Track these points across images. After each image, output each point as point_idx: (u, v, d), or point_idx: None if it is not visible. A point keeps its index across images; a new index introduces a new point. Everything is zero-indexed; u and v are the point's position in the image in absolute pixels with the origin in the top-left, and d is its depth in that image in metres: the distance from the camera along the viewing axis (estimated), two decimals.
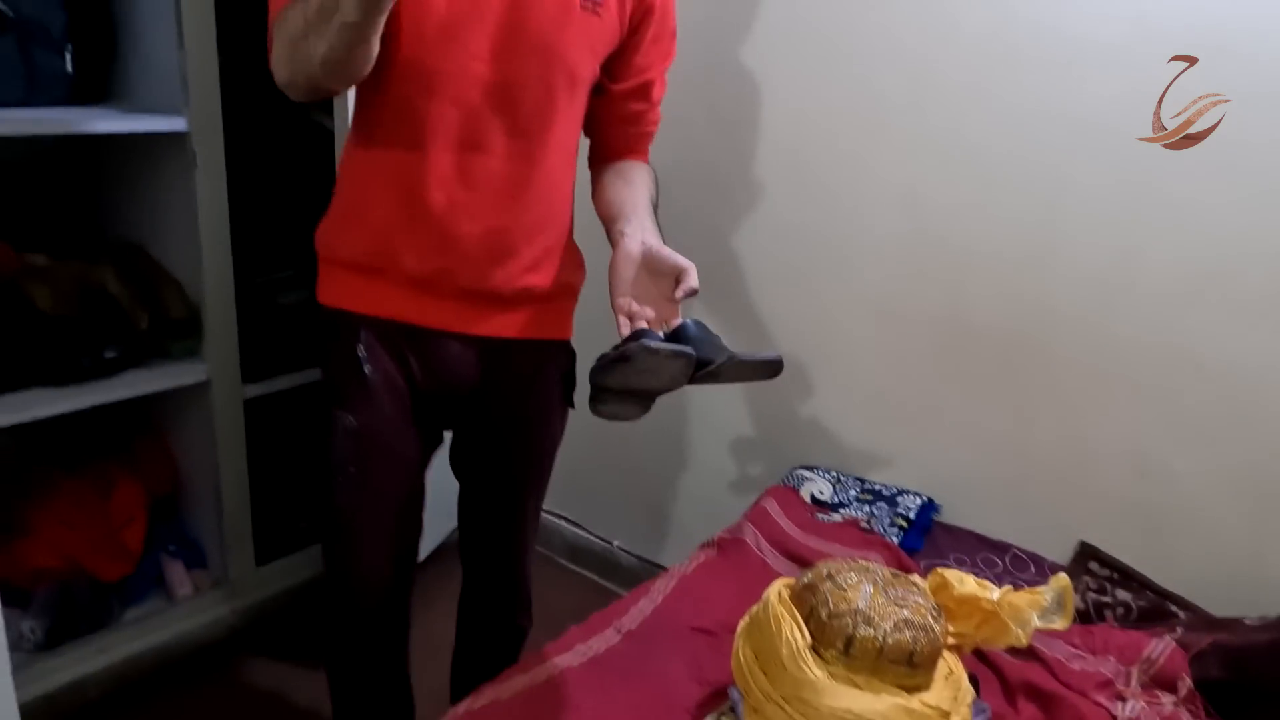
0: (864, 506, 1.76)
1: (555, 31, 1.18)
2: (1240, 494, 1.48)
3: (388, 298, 1.24)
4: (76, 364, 1.62)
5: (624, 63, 1.29)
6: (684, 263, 1.15)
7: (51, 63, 1.60)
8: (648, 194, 1.31)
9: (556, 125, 1.22)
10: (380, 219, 1.21)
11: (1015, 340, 1.63)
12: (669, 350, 1.04)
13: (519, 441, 1.41)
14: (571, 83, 1.22)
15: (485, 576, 1.51)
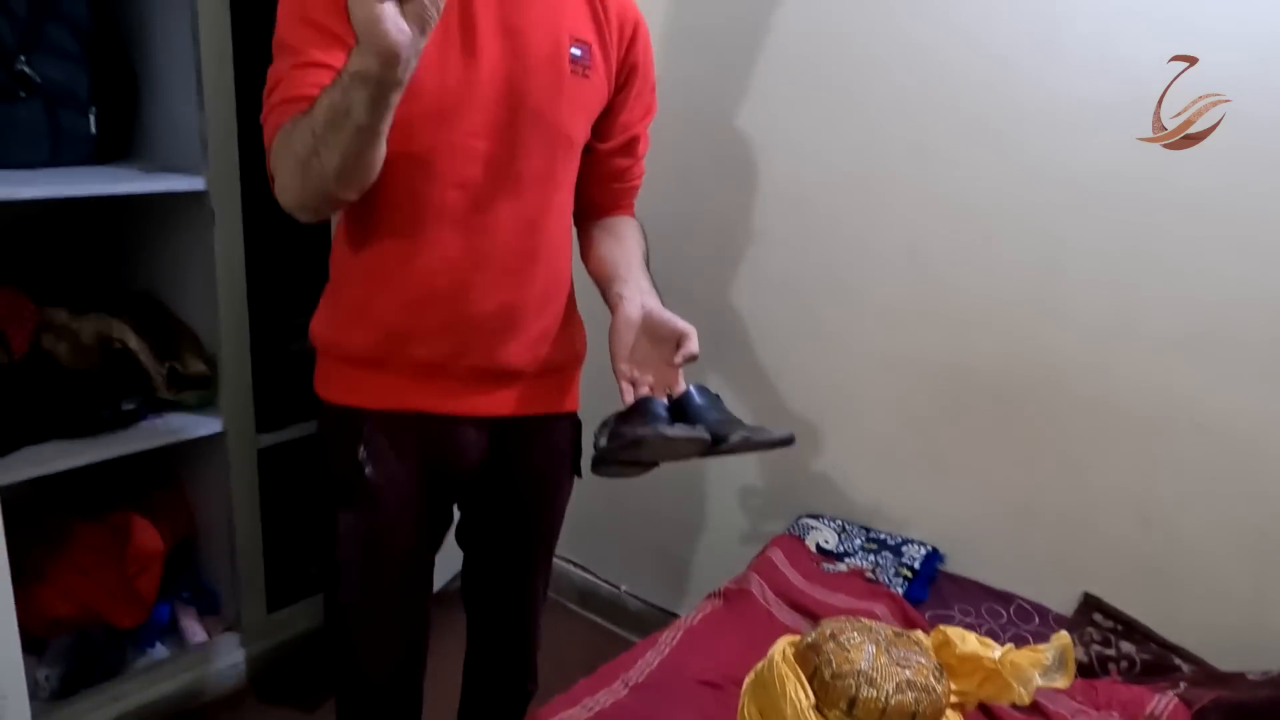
0: (869, 556, 1.78)
1: (552, 100, 1.18)
2: (1244, 548, 1.49)
3: (395, 389, 1.22)
4: (96, 417, 1.66)
5: (610, 121, 1.29)
6: (684, 327, 1.15)
7: (76, 124, 1.65)
8: (639, 250, 1.32)
9: (557, 193, 1.23)
10: (386, 312, 1.19)
11: (1019, 392, 1.66)
12: (685, 437, 1.07)
13: (527, 516, 1.40)
14: (569, 148, 1.23)
15: (492, 644, 1.51)
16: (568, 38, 1.19)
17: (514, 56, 1.15)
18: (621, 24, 1.26)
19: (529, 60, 1.15)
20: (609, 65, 1.25)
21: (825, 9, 1.74)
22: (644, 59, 1.30)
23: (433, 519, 1.35)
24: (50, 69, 1.60)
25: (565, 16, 1.19)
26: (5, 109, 1.53)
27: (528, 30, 1.16)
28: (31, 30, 1.58)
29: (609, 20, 1.24)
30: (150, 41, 1.71)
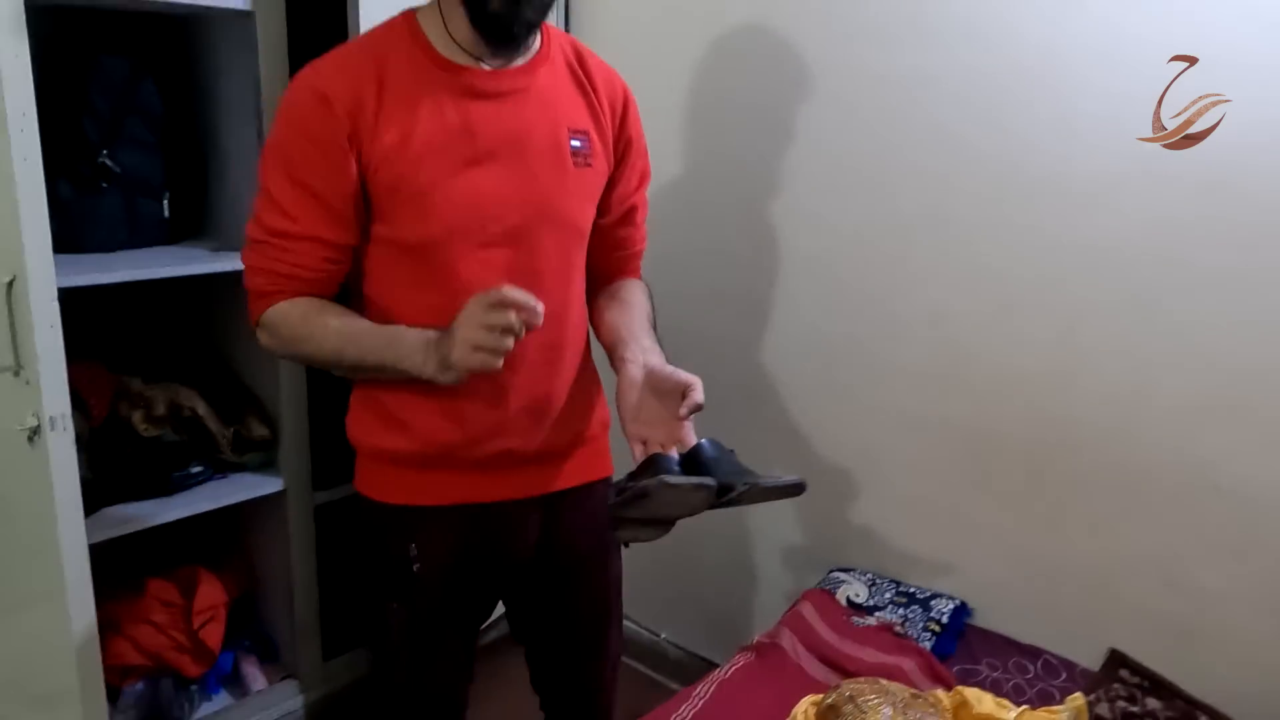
0: (899, 610, 1.83)
1: (561, 198, 1.23)
2: (1268, 610, 1.52)
3: (442, 486, 1.27)
4: (167, 480, 1.78)
5: (608, 196, 1.33)
6: (687, 378, 1.16)
7: (151, 209, 1.79)
8: (644, 312, 1.35)
9: (574, 282, 1.29)
10: (428, 419, 1.23)
11: (1042, 453, 1.70)
12: (690, 485, 1.07)
13: (585, 590, 1.43)
14: (580, 238, 1.29)
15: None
16: (566, 131, 1.23)
17: (518, 163, 1.19)
18: (612, 101, 1.30)
19: (532, 164, 1.20)
20: (606, 147, 1.29)
21: (845, 90, 1.82)
22: (635, 130, 1.34)
23: (480, 606, 1.42)
24: (129, 159, 1.74)
25: (561, 109, 1.24)
26: (89, 200, 1.68)
27: (528, 132, 1.20)
28: (113, 125, 1.72)
29: (600, 101, 1.28)
30: (218, 130, 1.85)
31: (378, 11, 1.63)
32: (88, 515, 1.67)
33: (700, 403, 1.14)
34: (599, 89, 1.28)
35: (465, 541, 1.31)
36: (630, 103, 1.34)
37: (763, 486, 1.11)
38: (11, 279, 1.25)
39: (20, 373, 1.27)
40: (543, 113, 1.21)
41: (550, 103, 1.23)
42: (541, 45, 1.24)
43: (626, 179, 1.35)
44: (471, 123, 1.17)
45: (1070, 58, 1.56)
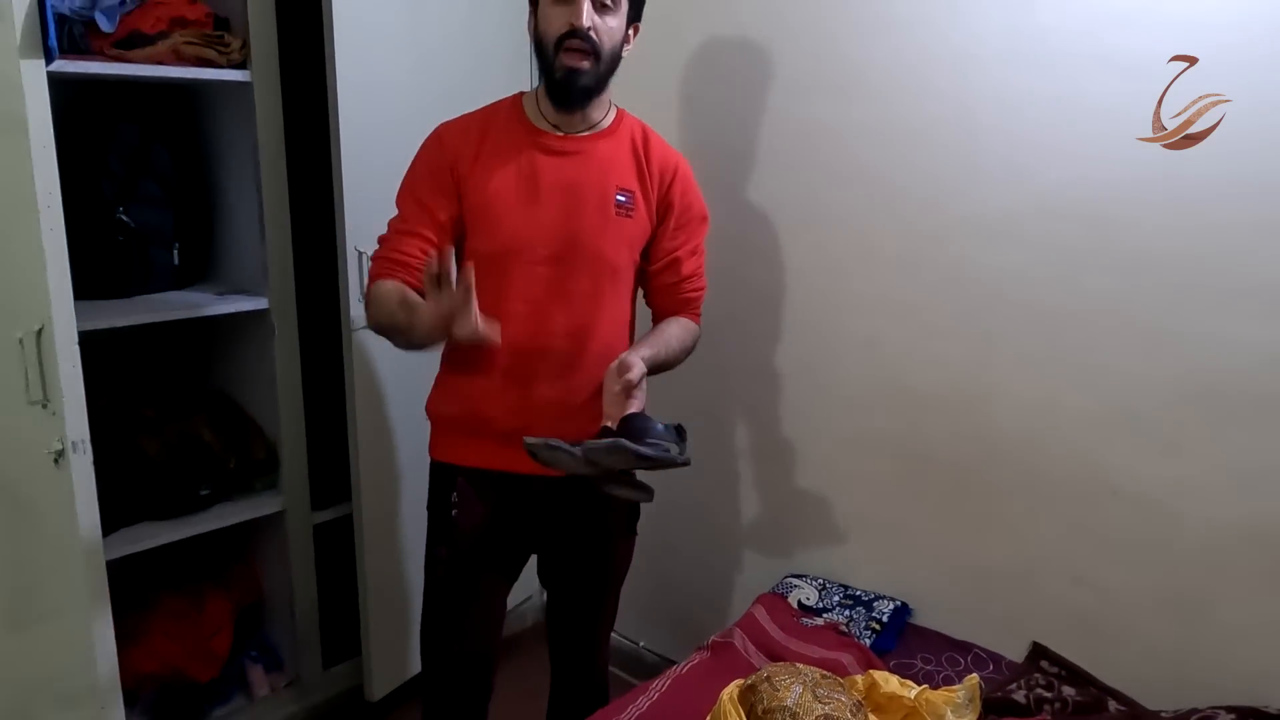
0: (845, 611, 1.99)
1: (599, 238, 1.58)
2: (1162, 603, 1.67)
3: (480, 451, 1.62)
4: (177, 501, 1.97)
5: (654, 248, 1.68)
6: (629, 360, 1.49)
7: (162, 257, 1.99)
8: (663, 334, 1.65)
9: (604, 308, 1.60)
10: (472, 392, 1.60)
11: (964, 465, 1.87)
12: (540, 444, 1.40)
13: (595, 559, 1.78)
14: (614, 275, 1.61)
15: (573, 667, 1.90)
16: (614, 187, 1.60)
17: (570, 205, 1.56)
18: (663, 171, 1.65)
19: (582, 207, 1.57)
20: (650, 206, 1.64)
21: (784, 140, 2.03)
22: (682, 199, 1.67)
23: (508, 557, 1.73)
24: (142, 215, 1.94)
25: (614, 171, 1.61)
26: (106, 253, 1.88)
27: (582, 184, 1.58)
28: (128, 185, 1.93)
29: (651, 171, 1.64)
30: (223, 186, 2.07)
31: (353, 93, 1.86)
32: (106, 535, 1.85)
33: (631, 380, 1.46)
34: (653, 161, 1.64)
35: (496, 501, 1.64)
36: (679, 174, 1.67)
37: (595, 446, 1.39)
38: (40, 327, 1.45)
39: (48, 405, 1.47)
40: (597, 171, 1.59)
41: (606, 164, 1.60)
42: (613, 123, 1.64)
43: (671, 236, 1.68)
44: (537, 171, 1.56)
45: (977, 107, 1.74)
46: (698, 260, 1.73)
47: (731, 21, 2.06)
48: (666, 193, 1.66)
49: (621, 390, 1.47)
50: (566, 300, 1.57)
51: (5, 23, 1.37)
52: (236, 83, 1.88)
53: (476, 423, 1.61)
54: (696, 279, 1.74)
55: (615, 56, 1.56)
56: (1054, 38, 1.64)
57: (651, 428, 1.40)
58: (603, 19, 1.52)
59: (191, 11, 1.83)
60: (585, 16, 1.48)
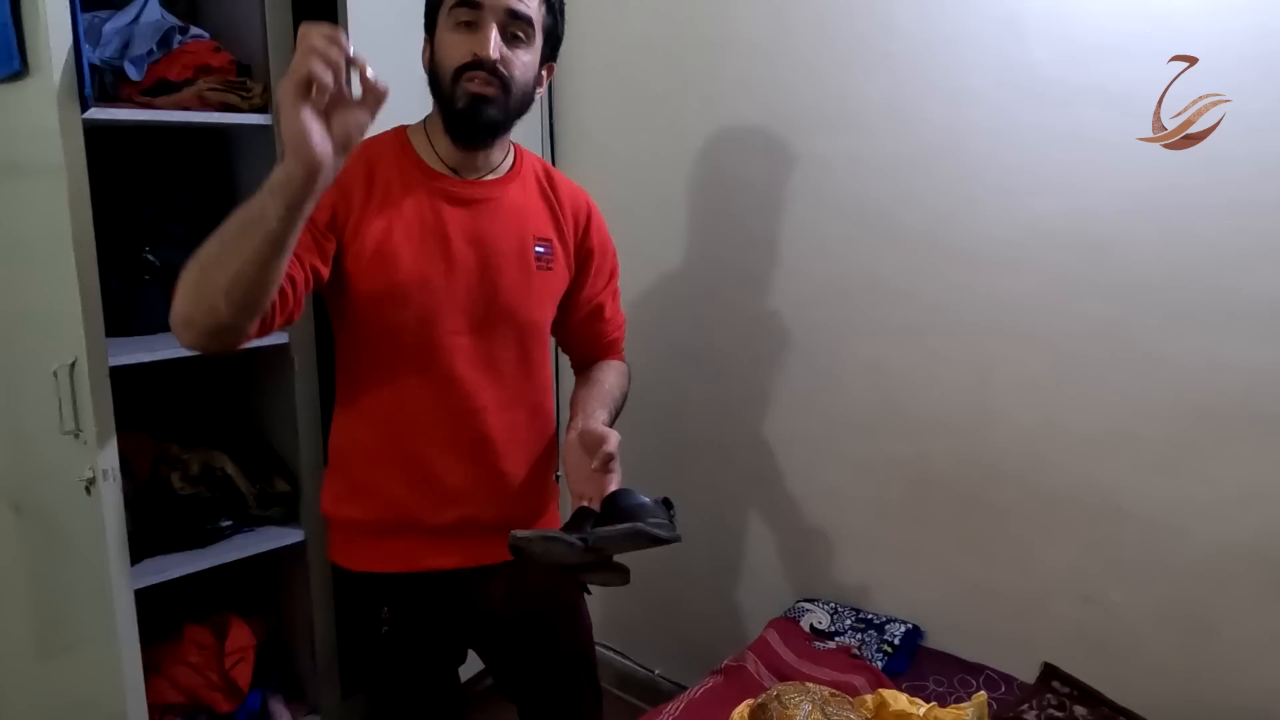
0: (857, 634, 2.01)
1: (523, 298, 1.38)
2: (1170, 621, 1.69)
3: (414, 553, 1.40)
4: (201, 533, 2.02)
5: (574, 297, 1.50)
6: (602, 432, 1.26)
7: None
8: (604, 388, 1.47)
9: (533, 375, 1.44)
10: (395, 492, 1.37)
11: (969, 486, 1.90)
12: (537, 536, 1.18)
13: (557, 643, 1.55)
14: (540, 337, 1.45)
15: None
16: (531, 238, 1.40)
17: (486, 263, 1.35)
18: (575, 214, 1.47)
19: (500, 265, 1.36)
20: (568, 254, 1.46)
21: (786, 173, 2.08)
22: (599, 240, 1.51)
23: (450, 656, 1.55)
24: (168, 254, 2.00)
25: (529, 220, 1.41)
26: (135, 291, 1.95)
27: (496, 238, 1.36)
28: (155, 226, 2.00)
29: (564, 214, 1.45)
30: None
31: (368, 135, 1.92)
32: (132, 565, 1.91)
33: (610, 453, 1.23)
34: (564, 204, 1.46)
35: (432, 604, 1.45)
36: (593, 215, 1.51)
37: (609, 534, 1.17)
38: (74, 361, 1.52)
39: (80, 435, 1.53)
40: (511, 221, 1.38)
41: (519, 213, 1.40)
42: (514, 164, 1.43)
43: (592, 282, 1.51)
44: (444, 224, 1.33)
45: (972, 138, 1.80)
46: (616, 300, 1.58)
47: (734, 59, 2.13)
48: (584, 238, 1.49)
49: (599, 465, 1.24)
50: (494, 372, 1.38)
51: (44, 73, 1.44)
52: (258, 126, 1.95)
53: (399, 523, 1.39)
54: (617, 318, 1.59)
55: (527, 95, 1.34)
56: (1046, 69, 1.69)
57: (644, 505, 1.21)
58: (513, 51, 1.29)
59: (215, 59, 1.91)
60: (492, 47, 1.26)
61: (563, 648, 1.57)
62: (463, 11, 1.27)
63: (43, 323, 1.62)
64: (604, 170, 2.37)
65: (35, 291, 1.65)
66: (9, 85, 1.54)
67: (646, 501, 1.22)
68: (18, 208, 1.65)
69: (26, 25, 1.46)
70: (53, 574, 1.78)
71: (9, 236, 1.69)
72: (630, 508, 1.20)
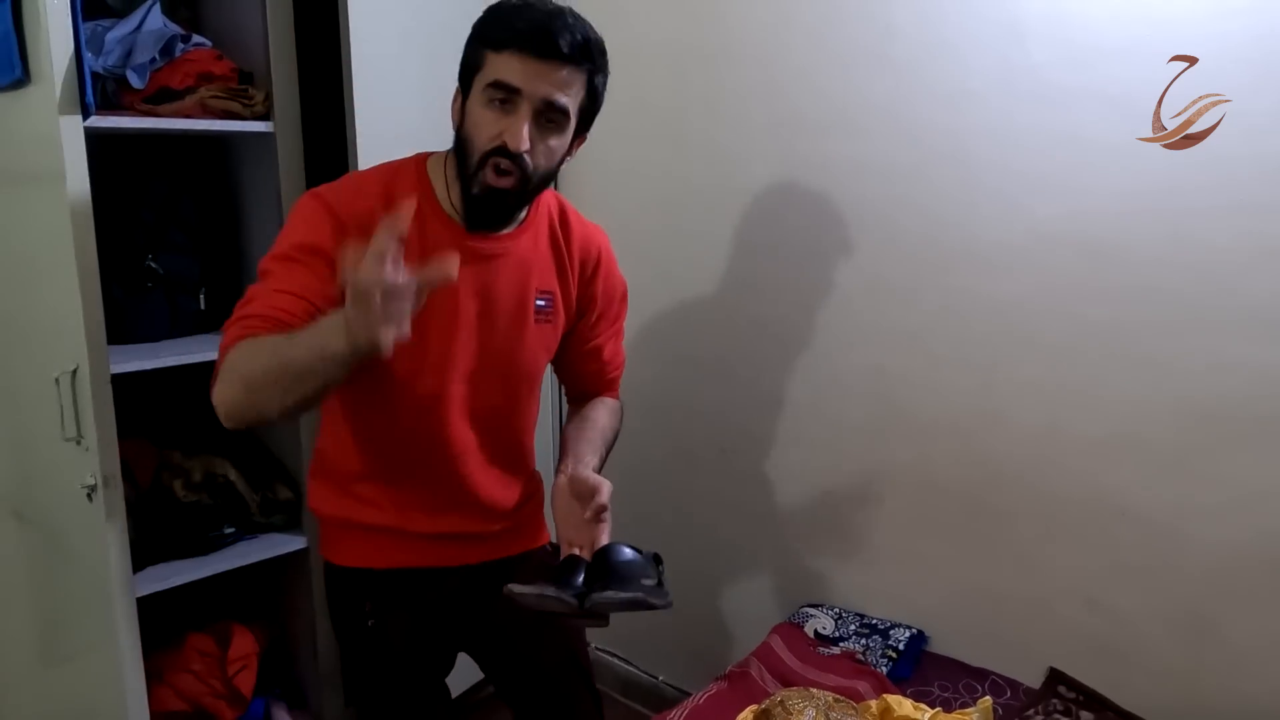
0: (861, 640, 2.01)
1: (516, 349, 1.40)
2: (1175, 623, 1.69)
3: (398, 551, 1.43)
4: (203, 540, 2.02)
5: (572, 339, 1.51)
6: (595, 481, 1.25)
7: (189, 304, 2.06)
8: (596, 427, 1.48)
9: (519, 418, 1.48)
10: (377, 501, 1.40)
11: (973, 491, 1.90)
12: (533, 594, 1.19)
13: (548, 643, 1.55)
14: (529, 383, 1.47)
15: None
16: (534, 291, 1.39)
17: (485, 315, 1.36)
18: (584, 261, 1.46)
19: (496, 318, 1.37)
20: (569, 303, 1.46)
21: (788, 178, 2.08)
22: (604, 287, 1.50)
23: (437, 656, 1.55)
24: (170, 262, 2.01)
25: (534, 272, 1.40)
26: (138, 299, 1.95)
27: (499, 292, 1.36)
28: (157, 234, 2.00)
29: (572, 263, 1.44)
30: (247, 232, 2.14)
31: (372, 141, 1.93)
32: (135, 573, 1.91)
33: (602, 505, 1.24)
34: (573, 253, 1.45)
35: (417, 600, 1.47)
36: (602, 261, 1.49)
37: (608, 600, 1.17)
38: (75, 368, 1.52)
39: (81, 441, 1.53)
40: (516, 274, 1.37)
41: (525, 266, 1.38)
42: (529, 214, 1.39)
43: (593, 326, 1.51)
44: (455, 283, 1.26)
45: (972, 142, 1.80)
46: (618, 341, 1.58)
47: (734, 67, 2.13)
48: (589, 286, 1.48)
49: (593, 516, 1.24)
50: (481, 419, 1.41)
51: (45, 81, 1.45)
52: (260, 133, 1.96)
53: (388, 527, 1.43)
54: (616, 359, 1.59)
55: (550, 175, 1.32)
56: (1046, 72, 1.69)
57: (636, 562, 1.21)
58: (544, 140, 1.25)
59: (218, 67, 1.91)
60: (523, 140, 1.21)
61: (553, 650, 1.58)
62: (498, 92, 1.22)
63: (44, 330, 1.63)
64: (605, 178, 2.37)
65: (37, 299, 1.65)
66: (11, 93, 1.54)
67: (637, 559, 1.22)
68: (20, 215, 1.65)
69: (28, 33, 1.46)
70: (54, 581, 1.78)
71: (11, 244, 1.69)
72: (622, 565, 1.20)
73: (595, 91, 1.30)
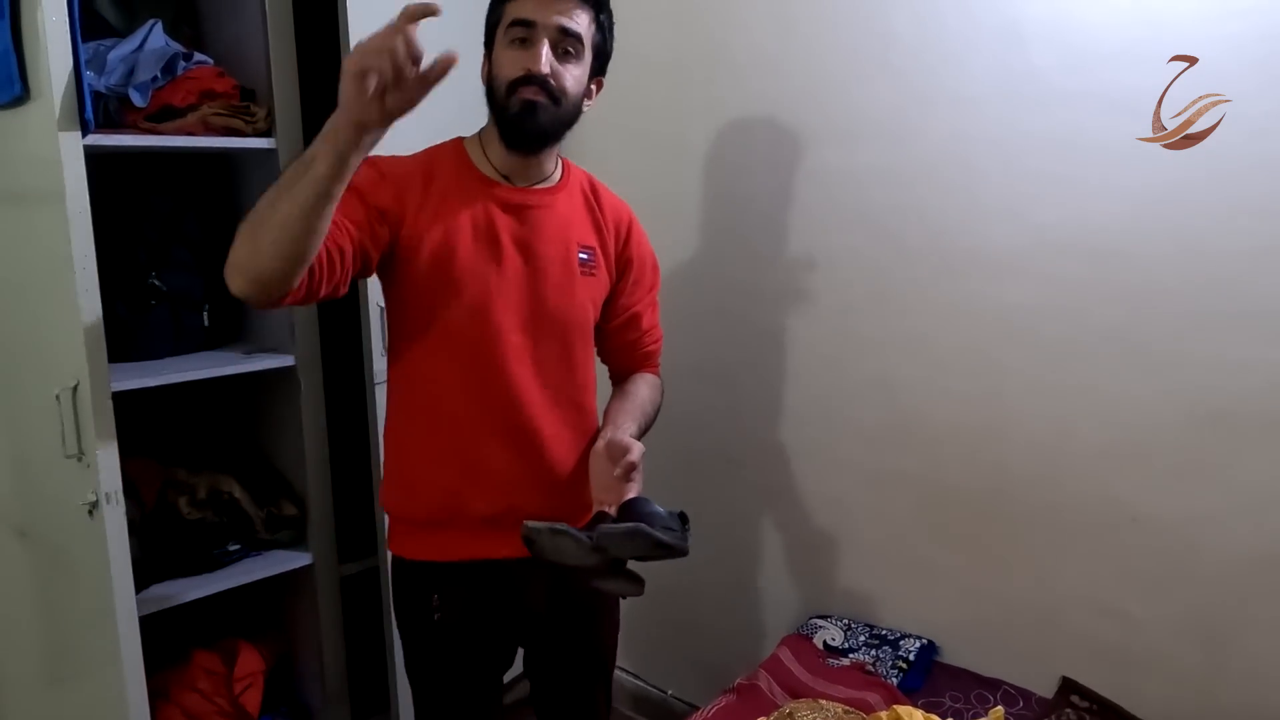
0: (871, 651, 1.98)
1: (567, 300, 1.48)
2: (1189, 630, 1.66)
3: (460, 542, 1.48)
4: (209, 557, 2.01)
5: (612, 304, 1.58)
6: (626, 442, 1.35)
7: (193, 320, 2.06)
8: (637, 400, 1.55)
9: (575, 373, 1.52)
10: (446, 482, 1.45)
11: (982, 499, 1.88)
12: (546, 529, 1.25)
13: (588, 640, 1.65)
14: (584, 337, 1.53)
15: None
16: (576, 245, 1.50)
17: (533, 266, 1.45)
18: (617, 225, 1.57)
19: (546, 268, 1.46)
20: (609, 262, 1.55)
21: (794, 188, 2.08)
22: (638, 252, 1.60)
23: (499, 653, 1.60)
24: (174, 280, 2.01)
25: (573, 228, 1.51)
26: (141, 316, 1.95)
27: (542, 244, 1.46)
28: (161, 251, 2.00)
29: (606, 225, 1.56)
30: None
31: None
32: (139, 592, 1.89)
33: (632, 463, 1.32)
34: (606, 215, 1.56)
35: (481, 593, 1.51)
36: (634, 228, 1.60)
37: (611, 531, 1.23)
38: (75, 384, 1.52)
39: (83, 458, 1.53)
40: (557, 228, 1.48)
41: (565, 221, 1.50)
42: (563, 177, 1.53)
43: (629, 292, 1.59)
44: (495, 228, 1.43)
45: (975, 147, 1.79)
46: (655, 312, 1.65)
47: (736, 76, 2.14)
48: (624, 248, 1.58)
49: (621, 473, 1.33)
50: (540, 369, 1.47)
51: (44, 99, 1.45)
52: (262, 150, 1.96)
53: (450, 512, 1.47)
54: (654, 331, 1.66)
55: (576, 107, 1.44)
56: (1046, 76, 1.68)
57: (657, 514, 1.27)
58: (564, 66, 1.40)
59: (220, 84, 1.92)
60: (544, 62, 1.36)
61: (589, 655, 1.66)
62: (518, 30, 1.38)
63: (46, 347, 1.63)
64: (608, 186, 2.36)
65: (38, 316, 1.66)
66: (11, 111, 1.55)
67: (660, 511, 1.28)
68: (21, 233, 1.66)
69: (27, 50, 1.47)
70: (58, 600, 1.77)
71: (12, 261, 1.69)
72: (642, 515, 1.26)
73: (603, 28, 1.45)
